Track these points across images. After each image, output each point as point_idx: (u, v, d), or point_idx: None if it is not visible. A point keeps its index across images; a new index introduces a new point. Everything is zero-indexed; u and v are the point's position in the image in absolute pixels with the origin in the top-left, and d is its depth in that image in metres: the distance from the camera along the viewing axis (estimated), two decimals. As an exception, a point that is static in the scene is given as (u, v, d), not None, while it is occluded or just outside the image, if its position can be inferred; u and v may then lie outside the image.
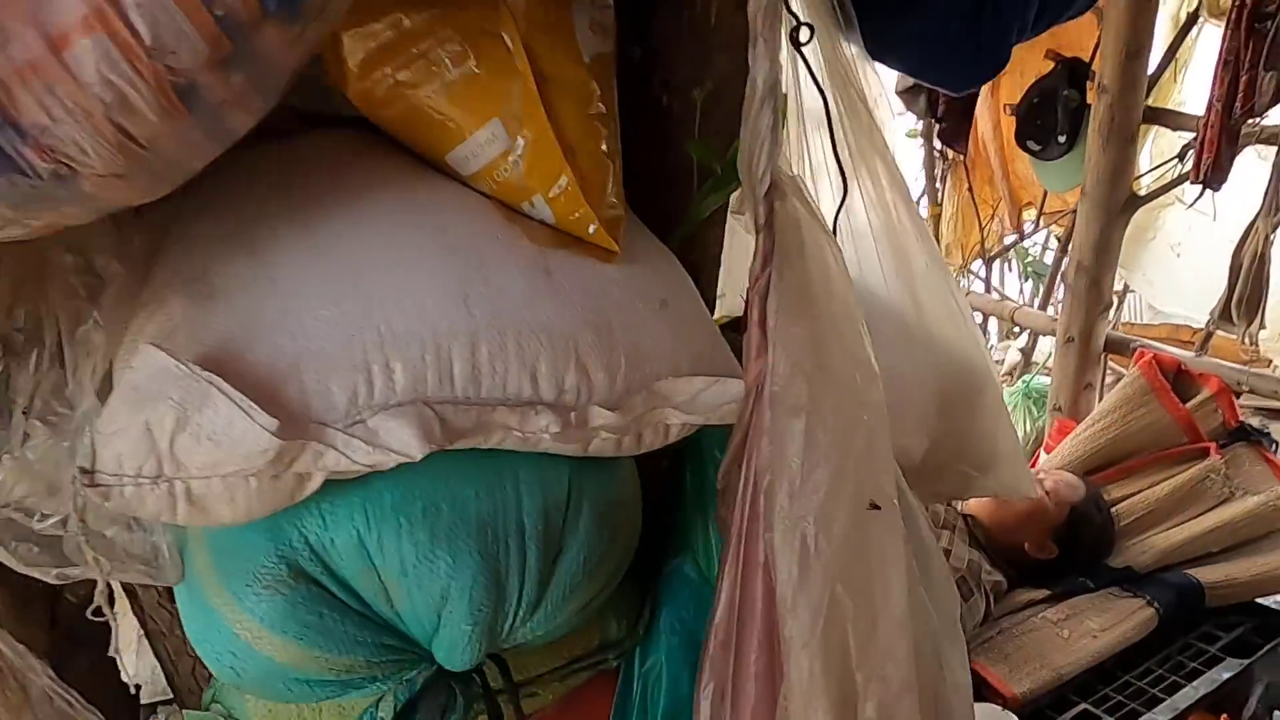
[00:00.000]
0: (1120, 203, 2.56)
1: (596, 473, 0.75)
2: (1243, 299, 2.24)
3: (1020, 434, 3.02)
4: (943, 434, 1.02)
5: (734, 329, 1.15)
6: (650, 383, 0.72)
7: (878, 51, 1.00)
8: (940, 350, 1.01)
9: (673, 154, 0.88)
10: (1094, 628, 2.14)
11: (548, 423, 0.66)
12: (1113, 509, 2.38)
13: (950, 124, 2.84)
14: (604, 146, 0.73)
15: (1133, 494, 2.43)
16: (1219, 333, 2.39)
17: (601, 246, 0.73)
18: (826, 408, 0.61)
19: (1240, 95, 2.06)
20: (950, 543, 2.16)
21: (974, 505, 2.30)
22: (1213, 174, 2.17)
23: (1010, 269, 4.99)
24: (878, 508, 0.60)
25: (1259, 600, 2.27)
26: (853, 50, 0.95)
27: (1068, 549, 2.20)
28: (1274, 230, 2.23)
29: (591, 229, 0.72)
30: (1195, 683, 2.02)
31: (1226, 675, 2.03)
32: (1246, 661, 2.06)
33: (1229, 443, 2.48)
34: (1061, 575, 2.25)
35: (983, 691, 2.02)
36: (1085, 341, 2.73)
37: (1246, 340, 2.23)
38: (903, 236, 0.97)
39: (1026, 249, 4.17)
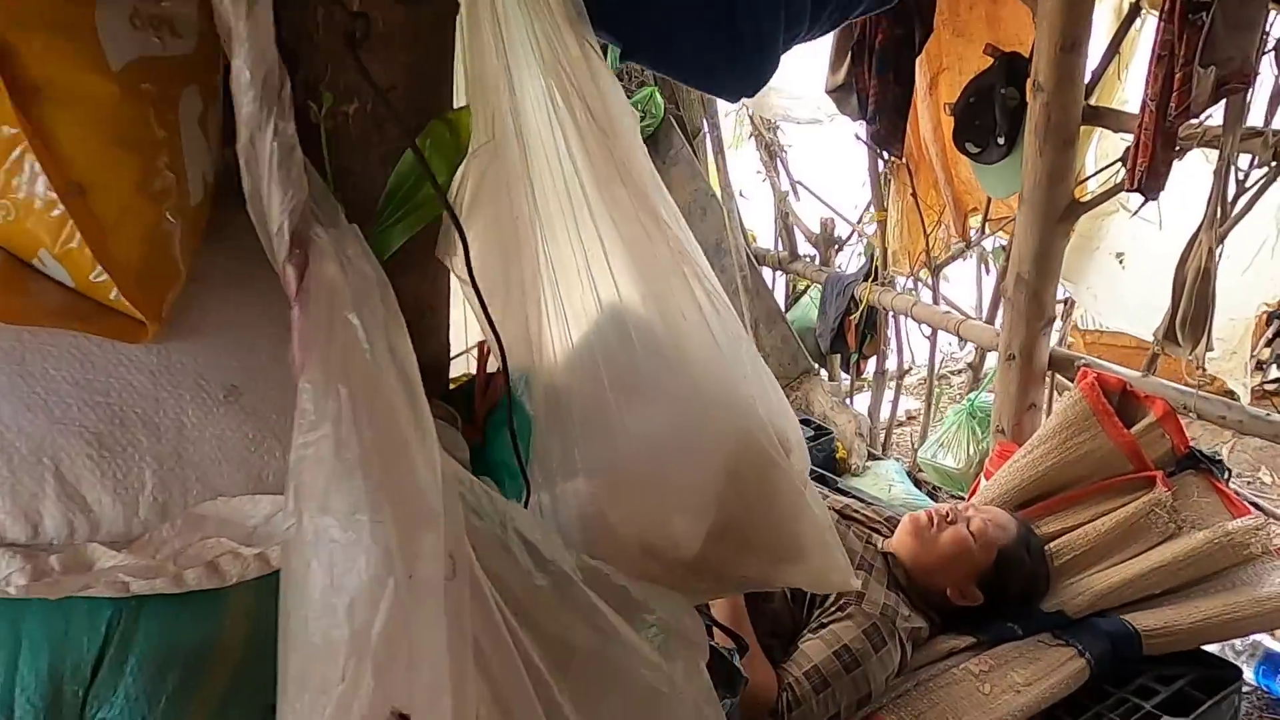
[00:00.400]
0: (1060, 209, 2.36)
1: (168, 610, 0.57)
2: (1187, 318, 2.04)
3: (964, 457, 2.83)
4: (730, 518, 0.83)
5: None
6: (201, 503, 0.53)
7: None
8: (723, 416, 0.82)
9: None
10: (1019, 681, 1.94)
11: (9, 572, 0.48)
12: (1049, 545, 2.18)
13: (884, 125, 2.64)
14: (148, 184, 0.54)
15: (1071, 528, 2.24)
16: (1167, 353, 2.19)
17: (131, 318, 0.55)
18: (340, 564, 0.42)
19: (1175, 94, 1.86)
20: (865, 585, 1.96)
21: (895, 543, 2.10)
22: (1148, 180, 1.97)
23: (987, 271, 4.78)
24: (405, 718, 0.41)
25: (1203, 649, 2.07)
26: (589, 52, 0.75)
27: (994, 595, 2.01)
28: (1219, 243, 2.03)
29: (114, 295, 0.54)
30: (1125, 745, 1.83)
31: (1161, 737, 1.84)
32: (1185, 720, 1.87)
33: (1177, 471, 2.29)
34: (988, 620, 2.06)
35: (888, 757, 1.83)
36: (1027, 359, 2.53)
37: (1194, 362, 2.03)
38: (658, 279, 0.78)
39: (1004, 249, 3.97)
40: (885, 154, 2.92)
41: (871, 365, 3.64)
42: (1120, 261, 2.40)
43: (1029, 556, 2.03)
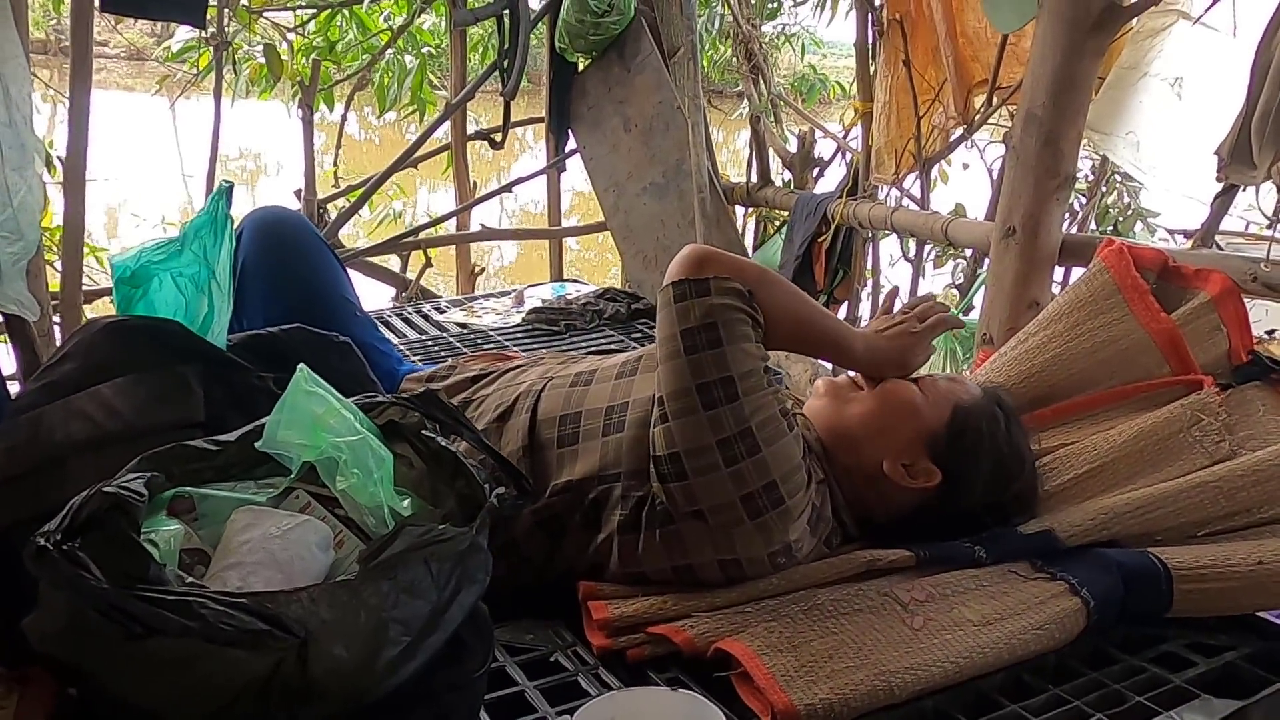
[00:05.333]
0: (1094, 14, 1.71)
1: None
2: (1270, 115, 1.36)
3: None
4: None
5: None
6: None
7: None
8: None
9: None
10: (971, 619, 1.22)
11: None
12: (1041, 461, 1.48)
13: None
14: None
15: (1074, 444, 1.53)
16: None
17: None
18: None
19: None
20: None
21: (807, 406, 1.41)
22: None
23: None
24: None
25: (1263, 615, 1.34)
26: None
27: (956, 477, 1.30)
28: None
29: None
30: (1140, 728, 1.10)
31: (1198, 722, 1.11)
32: (1237, 704, 1.14)
33: (1236, 383, 1.58)
34: (939, 537, 1.34)
35: (739, 693, 1.11)
36: (1031, 235, 1.85)
37: (1275, 178, 1.34)
38: None
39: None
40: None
41: (843, 313, 2.96)
42: (1177, 90, 1.73)
43: (1005, 426, 1.33)
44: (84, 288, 2.50)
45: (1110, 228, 3.30)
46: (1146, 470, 1.45)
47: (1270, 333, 3.29)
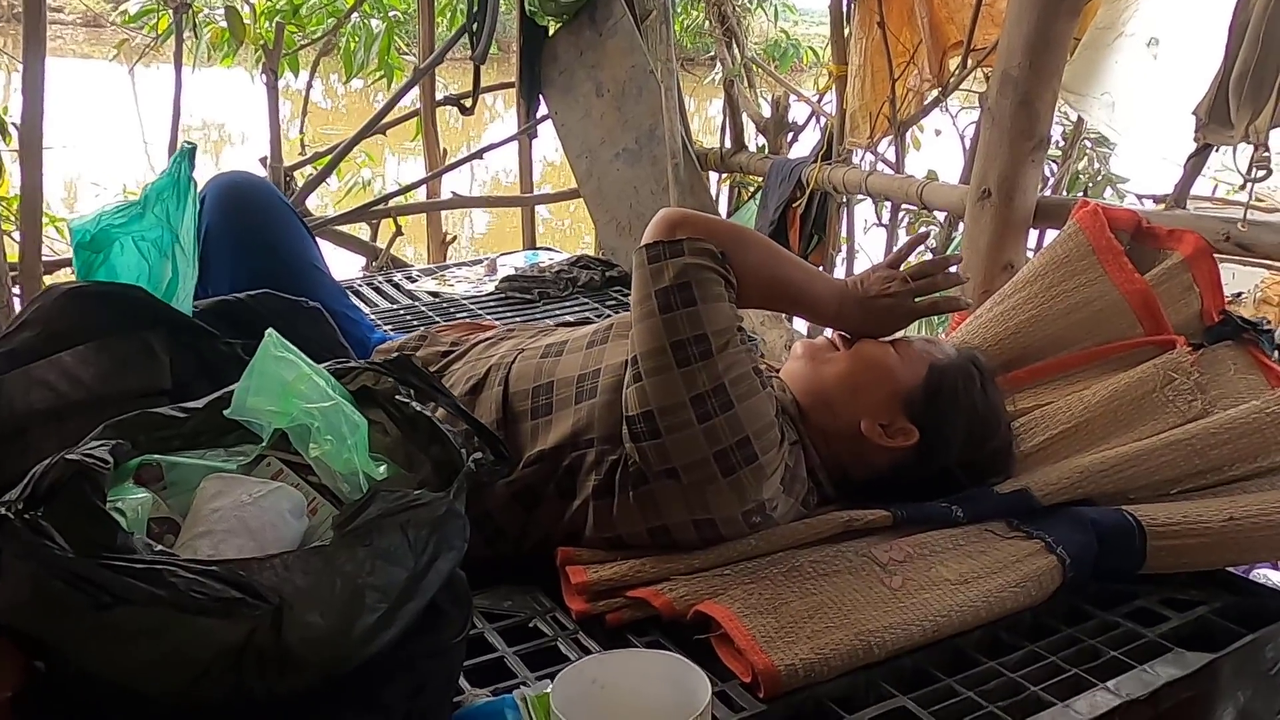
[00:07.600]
0: (1070, -28, 1.70)
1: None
2: (1248, 72, 1.35)
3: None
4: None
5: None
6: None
7: None
8: None
9: None
10: (949, 577, 1.22)
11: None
12: (1018, 421, 1.48)
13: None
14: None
15: (1049, 404, 1.54)
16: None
17: None
18: None
19: None
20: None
21: (784, 369, 1.41)
22: None
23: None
24: None
25: (1234, 571, 1.36)
26: None
27: (933, 435, 1.30)
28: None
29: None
30: (1115, 681, 1.11)
31: (1172, 675, 1.12)
32: (1209, 657, 1.16)
33: (1208, 343, 1.59)
34: (917, 497, 1.34)
35: (719, 654, 1.11)
36: (1007, 197, 1.84)
37: (1251, 137, 1.34)
38: None
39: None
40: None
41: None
42: (1153, 50, 1.72)
43: (980, 385, 1.33)
44: (44, 258, 2.44)
45: (1080, 194, 3.32)
46: (1120, 430, 1.46)
47: (1238, 295, 3.32)
